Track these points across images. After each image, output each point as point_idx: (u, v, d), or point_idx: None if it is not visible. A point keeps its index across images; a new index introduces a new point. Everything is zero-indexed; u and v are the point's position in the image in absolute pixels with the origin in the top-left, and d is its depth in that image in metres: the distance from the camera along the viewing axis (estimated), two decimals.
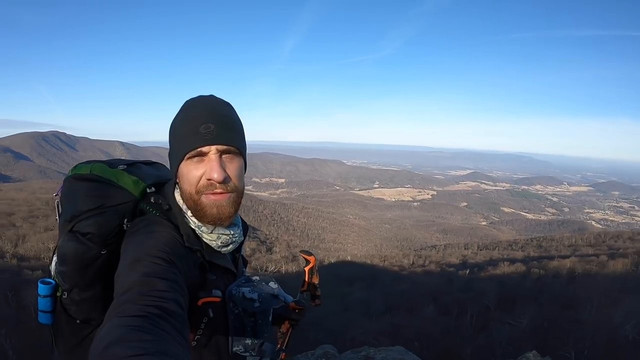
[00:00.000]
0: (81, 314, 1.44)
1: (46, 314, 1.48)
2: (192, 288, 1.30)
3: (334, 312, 30.39)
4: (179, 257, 1.27)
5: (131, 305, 0.97)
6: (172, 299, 1.04)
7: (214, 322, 1.41)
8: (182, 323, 1.01)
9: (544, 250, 75.60)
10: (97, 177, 1.43)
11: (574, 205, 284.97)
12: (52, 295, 1.47)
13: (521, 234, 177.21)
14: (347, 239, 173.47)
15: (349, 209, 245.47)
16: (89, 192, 1.40)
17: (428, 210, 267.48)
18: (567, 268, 43.70)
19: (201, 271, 1.40)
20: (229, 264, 1.54)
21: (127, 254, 1.25)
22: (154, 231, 1.33)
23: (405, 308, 32.65)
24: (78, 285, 1.39)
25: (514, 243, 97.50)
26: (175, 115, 1.43)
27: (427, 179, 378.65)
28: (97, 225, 1.35)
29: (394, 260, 70.88)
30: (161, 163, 1.73)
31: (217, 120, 1.37)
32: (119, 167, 1.48)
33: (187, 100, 1.44)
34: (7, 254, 36.61)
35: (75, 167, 1.49)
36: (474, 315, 29.09)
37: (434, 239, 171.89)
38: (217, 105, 1.42)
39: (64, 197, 1.45)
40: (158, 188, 1.51)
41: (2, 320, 18.70)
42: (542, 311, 28.34)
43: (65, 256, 1.37)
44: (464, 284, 39.72)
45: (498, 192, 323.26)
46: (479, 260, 61.72)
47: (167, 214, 1.43)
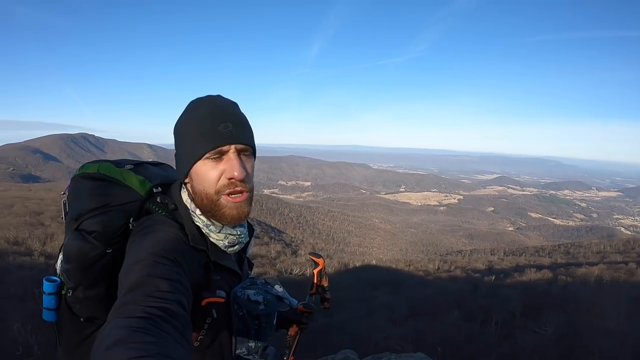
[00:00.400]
0: (85, 313, 1.45)
1: (50, 311, 1.49)
2: (196, 288, 1.30)
3: (358, 316, 30.43)
4: (183, 256, 1.27)
5: (134, 306, 0.96)
6: (175, 300, 1.03)
7: (218, 323, 1.40)
8: (185, 325, 1.00)
9: (572, 257, 74.43)
10: (104, 176, 1.43)
11: (603, 211, 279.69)
12: (57, 293, 1.47)
13: (548, 240, 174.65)
14: (372, 242, 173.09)
15: (375, 213, 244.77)
16: (95, 190, 1.40)
17: (454, 214, 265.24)
18: (595, 275, 43.00)
19: (205, 271, 1.40)
20: (234, 264, 1.54)
21: (132, 253, 1.25)
22: (160, 230, 1.33)
23: (430, 313, 32.50)
24: (82, 284, 1.40)
25: (541, 249, 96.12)
26: (185, 115, 1.43)
27: (453, 183, 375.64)
28: (103, 224, 1.36)
29: (419, 265, 70.43)
30: (167, 164, 1.75)
31: (234, 119, 1.39)
32: (126, 166, 1.49)
33: (196, 100, 1.44)
34: (35, 251, 37.44)
35: (82, 166, 1.50)
36: (499, 322, 28.78)
37: (460, 244, 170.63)
38: (230, 105, 1.44)
39: (71, 195, 1.45)
40: (164, 188, 1.52)
41: (28, 317, 19.16)
42: (568, 319, 27.96)
43: (70, 254, 1.38)
44: (490, 290, 39.33)
45: (525, 197, 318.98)
46: (505, 267, 61.00)
47: (173, 213, 1.43)
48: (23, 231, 44.93)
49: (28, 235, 43.28)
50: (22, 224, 48.31)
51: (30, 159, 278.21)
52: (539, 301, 34.60)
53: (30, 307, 24.03)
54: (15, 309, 15.60)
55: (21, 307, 16.79)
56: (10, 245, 38.84)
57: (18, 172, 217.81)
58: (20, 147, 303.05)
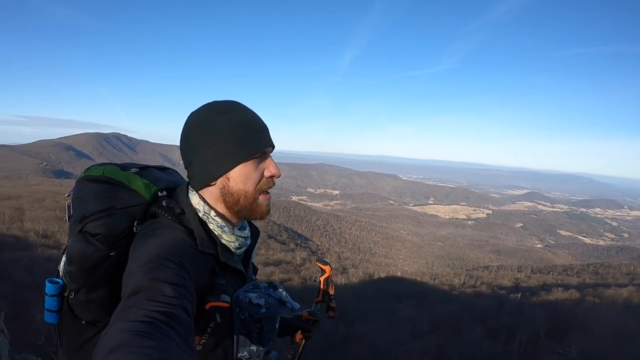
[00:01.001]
0: (87, 315, 1.44)
1: (52, 313, 1.48)
2: (200, 292, 1.30)
3: (380, 328, 30.43)
4: (189, 260, 1.26)
5: (137, 310, 0.96)
6: (179, 305, 1.03)
7: (221, 328, 1.39)
8: (188, 330, 0.99)
9: (600, 277, 73.09)
10: (109, 179, 1.43)
11: (634, 231, 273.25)
12: (59, 295, 1.46)
13: (577, 259, 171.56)
14: (398, 254, 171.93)
15: (402, 224, 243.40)
16: (100, 193, 1.40)
17: (482, 229, 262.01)
18: (624, 297, 42.22)
19: (211, 275, 1.39)
20: (240, 266, 1.52)
21: (137, 255, 1.24)
22: (165, 234, 1.32)
23: (453, 329, 32.37)
24: (85, 286, 1.39)
25: (569, 268, 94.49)
26: (210, 119, 1.42)
27: (482, 197, 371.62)
28: (107, 227, 1.35)
29: (445, 279, 70.03)
30: (173, 168, 1.76)
31: (264, 123, 1.48)
32: (131, 170, 1.48)
33: (218, 105, 1.45)
34: (63, 245, 38.13)
35: (88, 169, 1.50)
36: (523, 341, 28.58)
37: (487, 260, 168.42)
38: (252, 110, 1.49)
39: (76, 198, 1.45)
40: (169, 192, 1.51)
41: None
42: (594, 342, 27.59)
43: (74, 256, 1.37)
44: (515, 308, 38.97)
45: (555, 214, 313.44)
46: (531, 284, 60.26)
47: (179, 217, 1.41)
48: (53, 225, 46.02)
49: (57, 229, 44.33)
50: (52, 218, 49.46)
51: (63, 156, 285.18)
52: (565, 322, 34.09)
53: None
54: (40, 300, 16.12)
55: None
56: (40, 238, 39.84)
57: (51, 167, 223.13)
58: (54, 143, 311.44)
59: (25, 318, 13.47)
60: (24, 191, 68.35)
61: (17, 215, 49.13)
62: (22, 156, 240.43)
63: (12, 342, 5.18)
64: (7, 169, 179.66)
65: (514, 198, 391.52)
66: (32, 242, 36.92)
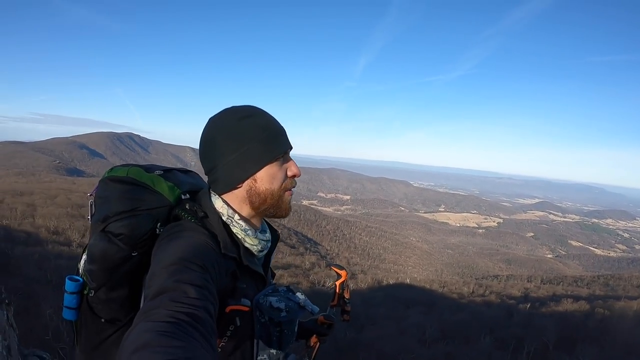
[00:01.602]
0: (107, 314, 1.47)
1: (71, 310, 1.50)
2: (221, 295, 1.31)
3: (388, 335, 30.42)
4: (211, 264, 1.27)
5: (161, 311, 0.97)
6: (202, 307, 1.04)
7: (240, 331, 1.40)
8: (211, 331, 1.00)
9: (611, 289, 72.59)
10: (134, 180, 1.45)
11: None
12: (78, 293, 1.49)
13: (588, 270, 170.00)
14: (407, 261, 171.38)
15: (413, 231, 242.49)
16: (124, 194, 1.42)
17: (493, 238, 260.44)
18: (634, 310, 41.86)
19: (232, 279, 1.41)
20: (261, 270, 1.56)
21: (160, 257, 1.25)
22: (188, 237, 1.34)
23: (461, 337, 32.30)
24: (106, 285, 1.41)
25: (579, 279, 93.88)
26: (234, 123, 1.45)
27: (494, 206, 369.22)
28: (130, 227, 1.37)
29: (454, 287, 69.77)
30: (195, 172, 1.80)
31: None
32: (155, 172, 1.50)
33: (249, 108, 1.49)
34: (74, 242, 38.61)
35: (111, 169, 1.53)
36: (531, 352, 28.46)
37: (497, 269, 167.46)
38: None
39: (99, 197, 1.47)
40: (192, 195, 1.54)
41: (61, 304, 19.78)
42: (603, 354, 27.43)
43: (95, 255, 1.39)
44: (524, 318, 38.78)
45: (567, 224, 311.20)
46: (541, 295, 59.91)
47: (202, 221, 1.43)
48: (64, 222, 46.44)
49: (68, 226, 44.74)
50: (64, 215, 49.93)
51: (77, 154, 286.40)
52: (574, 333, 33.92)
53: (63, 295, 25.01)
54: (50, 296, 16.27)
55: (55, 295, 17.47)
56: (51, 235, 40.24)
57: (64, 165, 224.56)
58: (67, 141, 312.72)
59: (33, 313, 13.66)
60: (36, 188, 68.88)
61: (29, 211, 49.42)
62: (36, 153, 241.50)
63: (20, 336, 5.31)
64: (21, 165, 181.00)
65: (525, 207, 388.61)
66: (43, 238, 37.24)
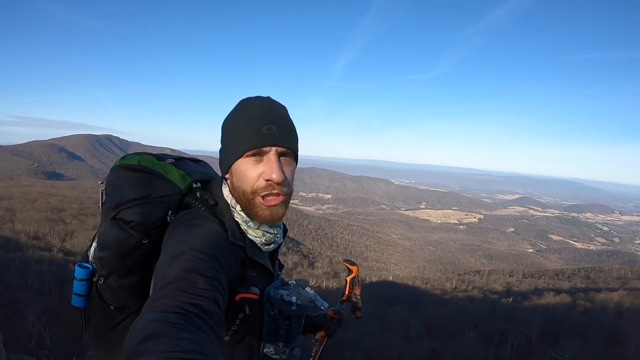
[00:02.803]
0: (116, 301, 1.47)
1: (80, 297, 1.49)
2: (231, 283, 1.32)
3: (372, 333, 30.37)
4: (222, 252, 1.27)
5: (169, 301, 0.98)
6: (211, 298, 1.04)
7: (249, 320, 1.40)
8: (219, 323, 1.00)
9: (592, 281, 73.50)
10: (146, 168, 1.45)
11: (625, 236, 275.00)
12: (88, 280, 1.48)
13: (568, 264, 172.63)
14: (390, 258, 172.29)
15: (394, 229, 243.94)
16: (136, 181, 1.42)
17: (474, 234, 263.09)
18: (615, 302, 42.40)
19: (242, 267, 1.41)
20: (268, 263, 1.54)
21: (171, 245, 1.25)
22: (199, 225, 1.33)
23: (445, 333, 32.39)
24: (116, 272, 1.41)
25: (560, 272, 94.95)
26: (234, 112, 1.45)
27: (474, 202, 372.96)
28: (142, 215, 1.37)
29: (437, 283, 70.17)
30: (205, 162, 1.78)
31: (279, 122, 1.41)
32: (167, 160, 1.51)
33: (246, 99, 1.47)
34: (54, 247, 38.11)
35: (123, 157, 1.52)
36: (515, 345, 28.64)
37: (479, 264, 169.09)
38: (278, 108, 1.46)
39: (110, 185, 1.46)
40: (203, 184, 1.53)
41: (44, 310, 19.41)
42: (586, 346, 27.67)
43: (106, 242, 1.39)
44: (507, 312, 39.04)
45: (547, 219, 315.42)
46: (523, 289, 60.45)
47: (213, 209, 1.43)
48: (44, 226, 45.79)
49: (48, 230, 44.12)
50: (44, 219, 49.28)
51: (56, 157, 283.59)
52: (557, 326, 34.12)
53: (46, 301, 24.47)
54: (32, 302, 15.96)
55: (38, 301, 17.20)
56: (31, 240, 39.61)
57: (42, 169, 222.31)
58: (46, 144, 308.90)
59: (16, 320, 13.34)
60: (15, 192, 68.07)
61: (8, 216, 48.69)
62: (14, 157, 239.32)
63: (3, 344, 5.10)
64: None
65: (505, 203, 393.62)
66: (23, 243, 36.70)
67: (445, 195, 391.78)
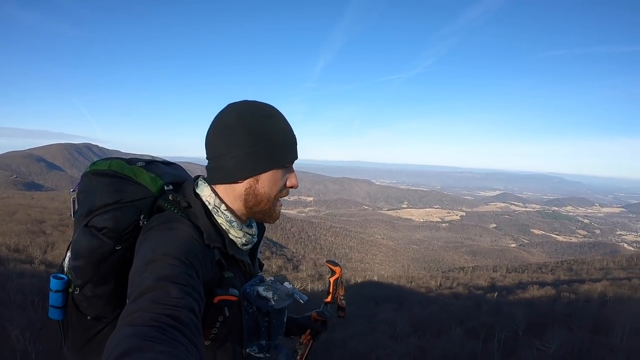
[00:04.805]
0: (93, 311, 1.43)
1: (57, 309, 1.46)
2: (208, 286, 1.30)
3: (360, 333, 30.28)
4: (196, 256, 1.25)
5: (144, 314, 0.95)
6: (186, 307, 1.02)
7: (229, 321, 1.38)
8: (195, 332, 0.99)
9: (575, 273, 74.21)
10: (116, 172, 1.41)
11: (606, 227, 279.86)
12: (63, 291, 1.45)
13: (551, 257, 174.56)
14: (374, 259, 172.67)
15: (377, 229, 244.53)
16: (106, 187, 1.38)
17: (457, 231, 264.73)
18: (599, 292, 42.82)
19: (219, 269, 1.39)
20: (247, 259, 1.53)
21: (143, 251, 1.23)
22: (172, 229, 1.31)
23: (432, 330, 32.38)
24: (91, 281, 1.37)
25: (543, 266, 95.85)
26: (257, 118, 1.42)
27: (456, 200, 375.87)
28: (114, 220, 1.33)
29: (421, 281, 70.34)
30: (178, 164, 1.72)
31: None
32: (137, 164, 1.47)
33: (271, 108, 1.46)
34: (35, 260, 37.51)
35: (93, 163, 1.48)
36: (502, 339, 28.69)
37: (462, 261, 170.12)
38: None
39: (81, 192, 1.42)
40: (175, 187, 1.49)
41: (27, 324, 19.03)
42: (572, 336, 27.84)
43: (80, 251, 1.34)
44: (492, 307, 39.19)
45: (528, 214, 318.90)
46: (507, 283, 60.85)
47: (186, 211, 1.40)
48: (24, 239, 45.09)
49: (29, 243, 43.45)
50: (24, 231, 48.57)
51: (34, 167, 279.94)
52: (543, 318, 34.30)
53: (29, 315, 23.98)
54: (15, 316, 15.56)
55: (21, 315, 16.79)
56: (12, 253, 38.92)
57: (21, 180, 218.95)
58: (24, 155, 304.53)
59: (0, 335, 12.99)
60: None
61: None
62: None
63: None
64: None
65: (486, 199, 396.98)
66: (4, 256, 36.10)
67: (426, 194, 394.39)
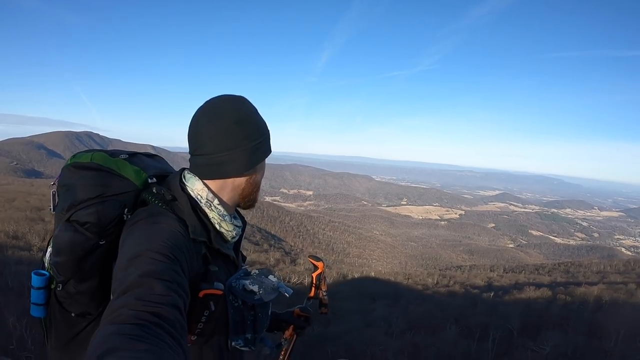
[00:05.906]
0: (77, 308, 1.40)
1: (39, 306, 1.43)
2: (194, 280, 1.28)
3: (355, 328, 30.28)
4: (181, 251, 1.22)
5: (127, 311, 0.92)
6: (170, 304, 0.99)
7: (215, 316, 1.36)
8: (179, 329, 0.96)
9: (571, 275, 74.08)
10: (99, 165, 1.37)
11: (604, 231, 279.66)
12: (45, 288, 1.41)
13: (549, 258, 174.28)
14: (372, 254, 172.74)
15: (376, 225, 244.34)
16: (89, 180, 1.34)
17: (455, 229, 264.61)
18: (595, 295, 42.75)
19: (204, 263, 1.36)
20: (232, 253, 1.53)
21: (127, 247, 1.19)
22: (157, 222, 1.28)
23: (427, 328, 32.36)
24: (74, 277, 1.34)
25: (540, 267, 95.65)
26: (253, 112, 1.46)
27: (455, 198, 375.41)
28: (97, 215, 1.30)
29: (418, 278, 70.17)
30: (161, 156, 1.70)
31: None
32: (120, 156, 1.44)
33: (245, 99, 1.47)
34: (34, 247, 37.57)
35: (74, 155, 1.44)
36: (496, 339, 28.65)
37: (460, 260, 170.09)
38: None
39: (62, 186, 1.38)
40: (160, 180, 1.47)
41: (24, 311, 19.09)
42: (566, 339, 27.79)
43: (62, 246, 1.31)
44: (488, 307, 39.11)
45: (527, 215, 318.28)
46: (504, 283, 60.71)
47: (170, 204, 1.37)
48: (23, 226, 45.18)
49: (28, 230, 43.52)
50: (23, 218, 48.58)
51: (34, 155, 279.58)
52: (538, 319, 34.35)
53: (26, 302, 24.06)
54: (12, 303, 15.61)
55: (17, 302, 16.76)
56: (10, 239, 39.00)
57: (21, 166, 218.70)
58: (24, 142, 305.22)
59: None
60: None
61: None
62: None
63: None
64: None
65: (486, 199, 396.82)
66: (2, 243, 36.09)
67: (426, 192, 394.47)
